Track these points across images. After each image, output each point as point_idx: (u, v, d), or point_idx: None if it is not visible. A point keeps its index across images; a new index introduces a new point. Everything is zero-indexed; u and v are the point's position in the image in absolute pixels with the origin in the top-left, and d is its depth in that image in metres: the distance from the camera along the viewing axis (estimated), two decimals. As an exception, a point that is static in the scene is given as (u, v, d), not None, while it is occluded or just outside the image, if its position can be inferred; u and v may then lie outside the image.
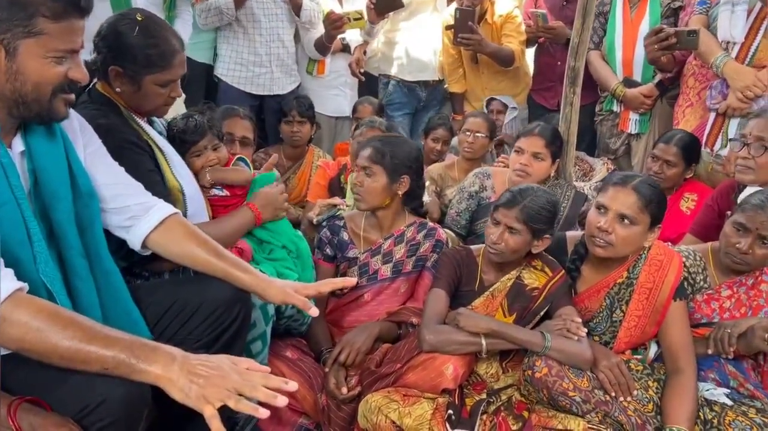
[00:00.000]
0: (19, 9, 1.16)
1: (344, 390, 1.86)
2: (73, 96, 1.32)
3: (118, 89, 1.71)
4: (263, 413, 1.06)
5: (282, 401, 1.07)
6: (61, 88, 1.27)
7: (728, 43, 2.73)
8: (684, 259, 1.99)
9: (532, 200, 1.93)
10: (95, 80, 1.75)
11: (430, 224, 2.25)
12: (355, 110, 3.64)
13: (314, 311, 1.47)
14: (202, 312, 1.48)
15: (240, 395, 1.08)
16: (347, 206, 2.43)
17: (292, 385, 1.11)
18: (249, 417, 1.80)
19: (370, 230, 2.20)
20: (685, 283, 1.98)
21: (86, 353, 1.09)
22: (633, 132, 3.30)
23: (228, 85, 3.39)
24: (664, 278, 1.93)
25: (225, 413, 1.08)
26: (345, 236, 2.20)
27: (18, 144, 1.30)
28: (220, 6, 3.19)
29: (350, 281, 1.60)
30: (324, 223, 2.24)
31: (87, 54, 1.55)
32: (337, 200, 2.45)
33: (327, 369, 1.92)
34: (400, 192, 2.15)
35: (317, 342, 2.04)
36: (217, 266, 1.49)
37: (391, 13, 3.60)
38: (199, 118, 1.91)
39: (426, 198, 2.81)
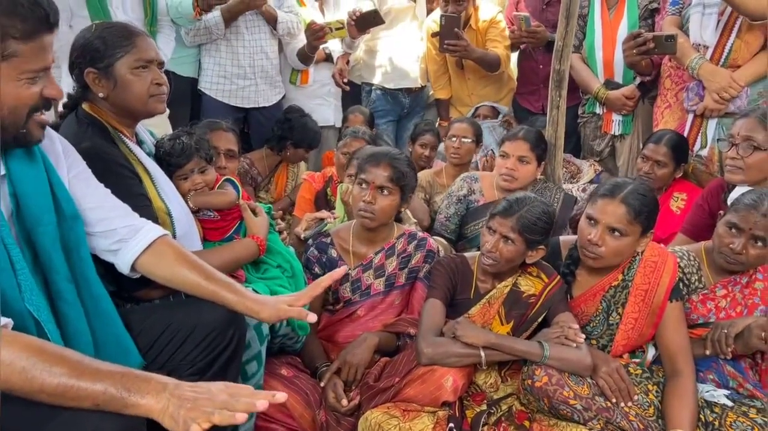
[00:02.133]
0: None
1: (344, 402, 1.83)
2: (46, 117, 1.29)
3: (101, 94, 1.68)
4: (240, 418, 1.03)
5: (262, 405, 1.04)
6: (36, 108, 1.24)
7: (699, 45, 2.75)
8: (678, 259, 1.99)
9: (529, 211, 1.91)
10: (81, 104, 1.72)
11: (420, 234, 2.22)
12: (345, 119, 3.62)
13: (312, 318, 1.44)
14: (195, 337, 1.45)
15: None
16: (336, 218, 2.39)
17: (281, 396, 1.08)
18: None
19: (359, 245, 2.15)
20: (681, 284, 1.98)
21: (76, 390, 1.04)
22: (617, 133, 3.32)
23: (212, 98, 3.35)
24: (660, 279, 1.92)
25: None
26: (333, 253, 2.15)
27: (1, 167, 1.26)
28: (210, 26, 3.16)
29: (339, 272, 1.54)
30: (310, 241, 2.19)
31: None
32: (324, 213, 2.41)
33: (323, 384, 1.88)
34: (404, 209, 2.12)
35: (312, 359, 2.00)
36: (207, 288, 1.45)
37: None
38: (186, 140, 1.86)
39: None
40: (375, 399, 1.83)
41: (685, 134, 2.81)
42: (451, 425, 1.77)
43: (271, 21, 3.36)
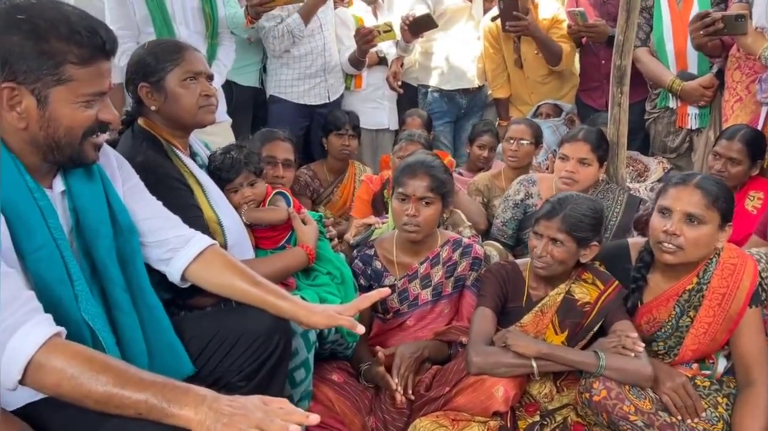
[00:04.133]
0: (47, 58, 1.18)
1: (409, 391, 1.82)
2: (102, 139, 1.34)
3: (153, 108, 1.75)
4: None
5: (294, 429, 1.06)
6: (91, 131, 1.29)
7: (765, 29, 2.58)
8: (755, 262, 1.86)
9: (573, 209, 1.85)
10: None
11: (465, 240, 2.18)
12: (403, 122, 3.62)
13: (360, 329, 1.44)
14: (242, 343, 1.48)
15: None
16: (384, 223, 2.38)
17: (314, 418, 1.09)
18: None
19: (403, 255, 2.12)
20: (759, 288, 1.84)
21: (119, 398, 1.09)
22: (693, 128, 3.15)
23: (284, 102, 3.41)
24: (740, 283, 1.81)
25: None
26: (378, 264, 2.13)
27: (59, 185, 1.34)
28: (292, 29, 3.22)
29: (385, 292, 1.54)
30: (355, 252, 2.19)
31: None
32: (372, 219, 2.40)
33: (383, 377, 1.85)
34: (445, 216, 2.09)
35: (359, 363, 2.00)
36: (256, 295, 1.48)
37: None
38: (236, 154, 1.91)
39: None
40: (425, 408, 1.82)
41: (759, 128, 2.64)
42: (502, 436, 1.73)
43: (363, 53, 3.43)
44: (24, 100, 1.19)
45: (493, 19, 3.63)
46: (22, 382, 1.10)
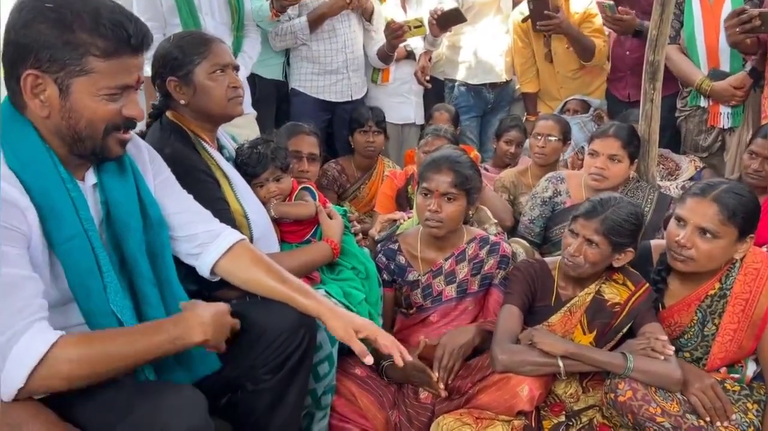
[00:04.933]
0: (71, 48, 1.19)
1: (442, 387, 1.81)
2: (128, 135, 1.34)
3: (182, 102, 1.76)
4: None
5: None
6: (115, 126, 1.28)
7: None
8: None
9: (615, 212, 1.81)
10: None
11: (493, 238, 2.15)
12: (430, 116, 3.59)
13: (369, 360, 1.43)
14: (267, 337, 1.49)
15: None
16: (409, 218, 2.36)
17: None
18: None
19: (428, 251, 2.10)
20: (786, 293, 1.80)
21: (145, 345, 1.23)
22: (726, 127, 3.06)
23: (304, 96, 3.41)
24: (762, 287, 1.78)
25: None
26: (402, 259, 2.11)
27: (91, 177, 1.35)
28: (296, 31, 3.23)
29: (369, 360, 1.45)
30: (379, 246, 2.18)
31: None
32: (397, 214, 2.39)
33: (424, 370, 1.84)
34: (471, 213, 2.07)
35: (381, 358, 1.99)
36: (281, 292, 1.49)
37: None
38: (262, 149, 1.92)
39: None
40: (446, 404, 1.82)
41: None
42: (527, 436, 1.71)
43: (367, 13, 3.40)
44: (47, 89, 1.20)
45: (524, 20, 3.59)
46: (24, 387, 1.12)
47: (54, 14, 1.18)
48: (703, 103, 3.11)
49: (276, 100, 3.48)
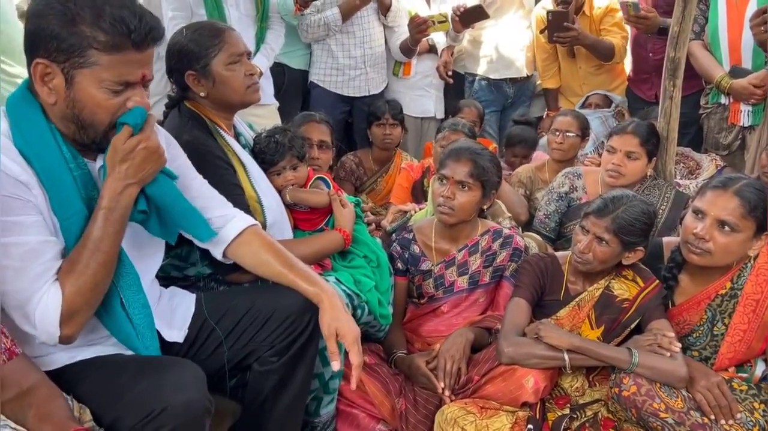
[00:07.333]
0: (74, 40, 1.22)
1: (448, 394, 1.82)
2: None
3: (202, 94, 1.80)
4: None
5: None
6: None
7: None
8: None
9: (626, 210, 1.81)
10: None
11: (506, 231, 2.16)
12: (458, 110, 3.59)
13: (336, 366, 1.45)
14: (275, 320, 1.52)
15: None
16: (421, 209, 2.38)
17: None
18: (328, 421, 1.83)
19: (442, 241, 2.12)
20: (799, 294, 1.78)
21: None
22: (746, 125, 3.01)
23: (322, 89, 3.45)
24: None
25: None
26: (416, 248, 2.14)
27: (100, 159, 1.37)
28: (329, 22, 3.26)
29: (335, 366, 1.46)
30: (393, 235, 2.20)
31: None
32: (409, 205, 2.41)
33: (430, 380, 1.86)
34: (485, 207, 2.08)
35: (392, 347, 2.03)
36: (287, 277, 1.53)
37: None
38: (280, 138, 1.95)
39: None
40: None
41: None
42: (530, 426, 1.73)
43: (384, 8, 3.42)
44: (55, 78, 1.25)
45: (541, 31, 3.60)
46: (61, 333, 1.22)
47: (60, 7, 1.22)
48: (723, 100, 3.06)
49: (302, 92, 3.52)
